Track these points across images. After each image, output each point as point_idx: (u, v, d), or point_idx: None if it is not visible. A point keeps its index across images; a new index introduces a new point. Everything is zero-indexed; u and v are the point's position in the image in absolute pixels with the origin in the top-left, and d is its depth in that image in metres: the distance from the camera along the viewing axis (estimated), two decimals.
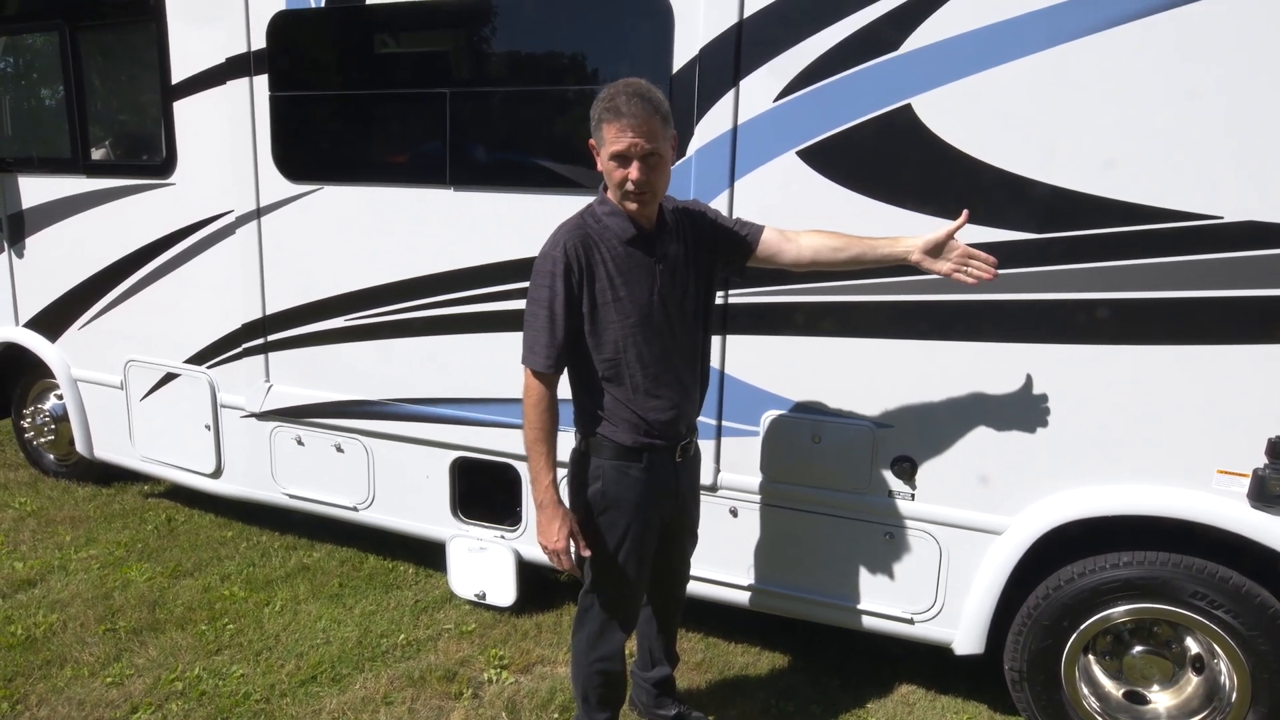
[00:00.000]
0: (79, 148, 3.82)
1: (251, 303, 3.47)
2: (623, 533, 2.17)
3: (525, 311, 2.08)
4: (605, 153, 1.99)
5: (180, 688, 2.79)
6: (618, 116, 1.93)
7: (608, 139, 1.96)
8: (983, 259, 2.16)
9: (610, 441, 2.13)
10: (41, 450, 4.60)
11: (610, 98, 1.96)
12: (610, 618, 2.26)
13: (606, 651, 2.29)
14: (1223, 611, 2.30)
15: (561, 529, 2.10)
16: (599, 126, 1.99)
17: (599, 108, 1.98)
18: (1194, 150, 2.16)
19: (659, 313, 2.10)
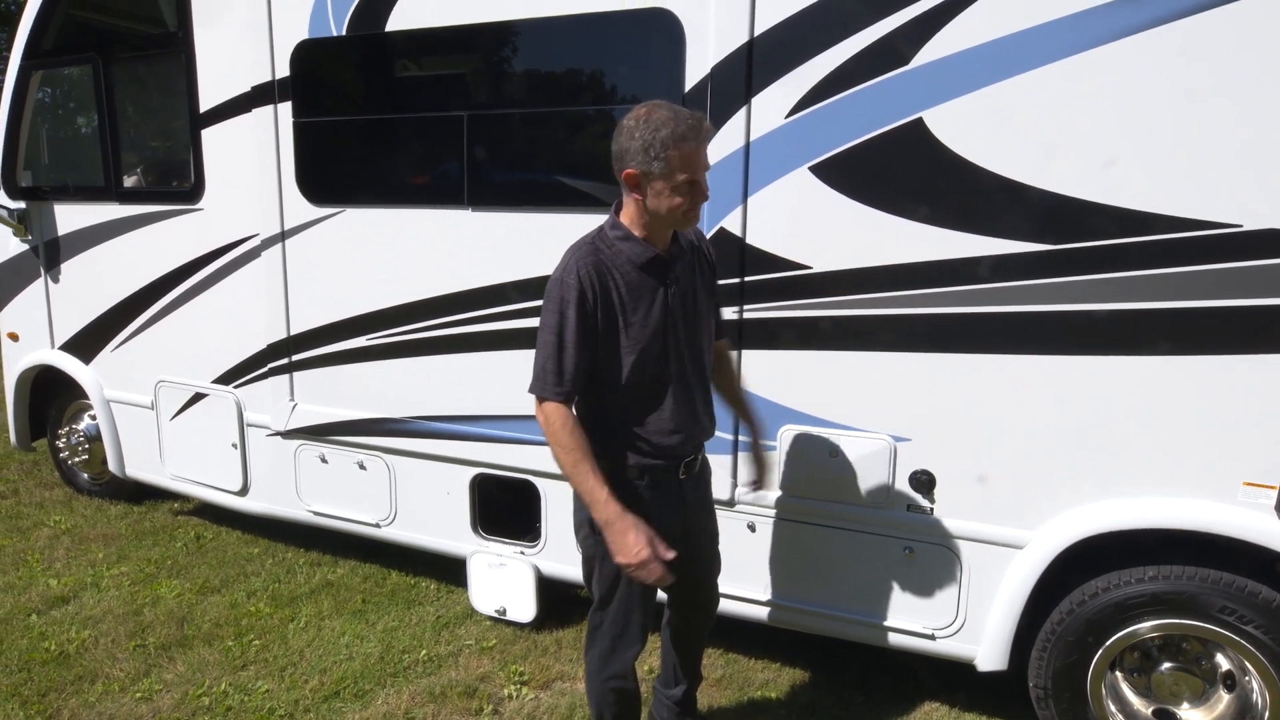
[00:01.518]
0: (112, 175, 3.93)
1: (276, 323, 3.55)
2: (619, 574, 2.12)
3: (537, 338, 2.02)
4: (676, 179, 1.91)
5: (207, 703, 2.83)
6: (698, 141, 1.90)
7: (682, 166, 1.89)
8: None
9: (609, 462, 2.07)
10: (76, 469, 4.71)
11: (677, 121, 1.88)
12: (620, 635, 2.23)
13: (618, 669, 2.26)
14: (1253, 627, 2.25)
15: (638, 539, 1.95)
16: (662, 154, 1.88)
17: (660, 132, 1.87)
18: (1214, 159, 2.14)
19: (669, 336, 2.08)
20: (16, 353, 4.53)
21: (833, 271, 2.57)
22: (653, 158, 1.90)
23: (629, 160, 1.93)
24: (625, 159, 1.94)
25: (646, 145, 1.89)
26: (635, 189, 1.97)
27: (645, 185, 1.95)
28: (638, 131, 1.91)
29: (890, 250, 2.48)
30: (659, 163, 1.90)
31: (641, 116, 1.92)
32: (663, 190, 1.93)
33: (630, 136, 1.92)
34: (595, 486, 1.98)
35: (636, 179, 1.95)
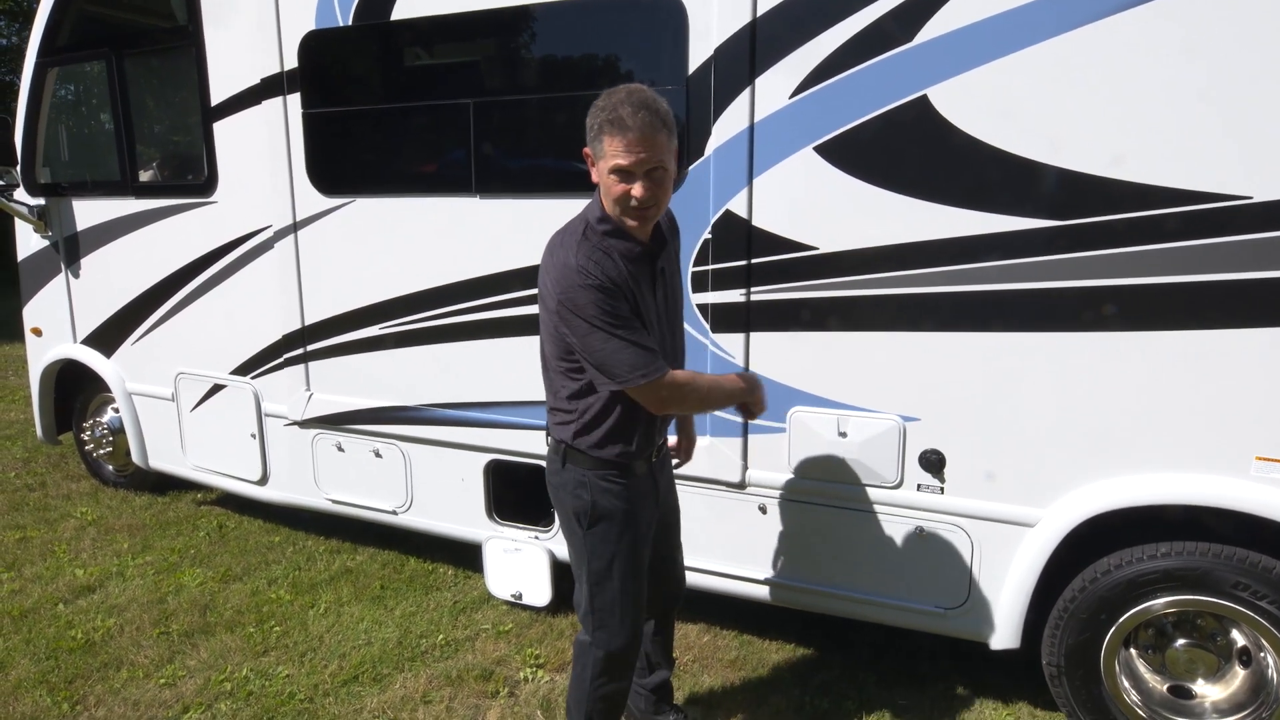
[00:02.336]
0: (127, 170, 3.99)
1: (291, 314, 3.59)
2: (616, 544, 2.12)
3: (587, 344, 1.92)
4: (605, 165, 1.89)
5: (229, 688, 2.89)
6: (622, 130, 1.83)
7: (609, 152, 1.86)
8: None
9: (589, 454, 2.08)
10: (101, 461, 4.80)
11: (612, 108, 1.85)
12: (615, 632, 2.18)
13: (619, 675, 2.23)
14: (1267, 602, 2.23)
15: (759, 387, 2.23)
16: (599, 137, 1.88)
17: (598, 117, 1.87)
18: (1225, 130, 2.11)
19: (662, 328, 2.09)
20: (40, 347, 4.61)
21: (840, 252, 2.56)
22: (591, 138, 1.91)
23: (588, 138, 1.93)
24: (587, 136, 1.93)
25: (590, 124, 1.91)
26: (591, 168, 1.97)
27: (592, 168, 1.96)
28: (597, 110, 1.90)
29: (897, 229, 2.47)
30: (595, 145, 1.91)
31: (603, 95, 1.91)
32: (605, 176, 1.91)
33: (591, 113, 1.92)
34: (728, 383, 2.18)
35: (589, 159, 1.96)
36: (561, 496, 2.18)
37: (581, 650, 2.25)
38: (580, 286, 1.89)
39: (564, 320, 1.94)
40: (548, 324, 2.03)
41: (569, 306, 1.92)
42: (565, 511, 2.18)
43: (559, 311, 1.94)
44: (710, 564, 2.98)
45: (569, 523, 2.19)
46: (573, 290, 1.90)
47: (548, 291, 1.97)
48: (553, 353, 2.07)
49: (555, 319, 1.97)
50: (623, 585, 2.15)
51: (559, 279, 1.93)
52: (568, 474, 2.14)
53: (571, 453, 2.12)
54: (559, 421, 2.14)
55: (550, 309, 1.98)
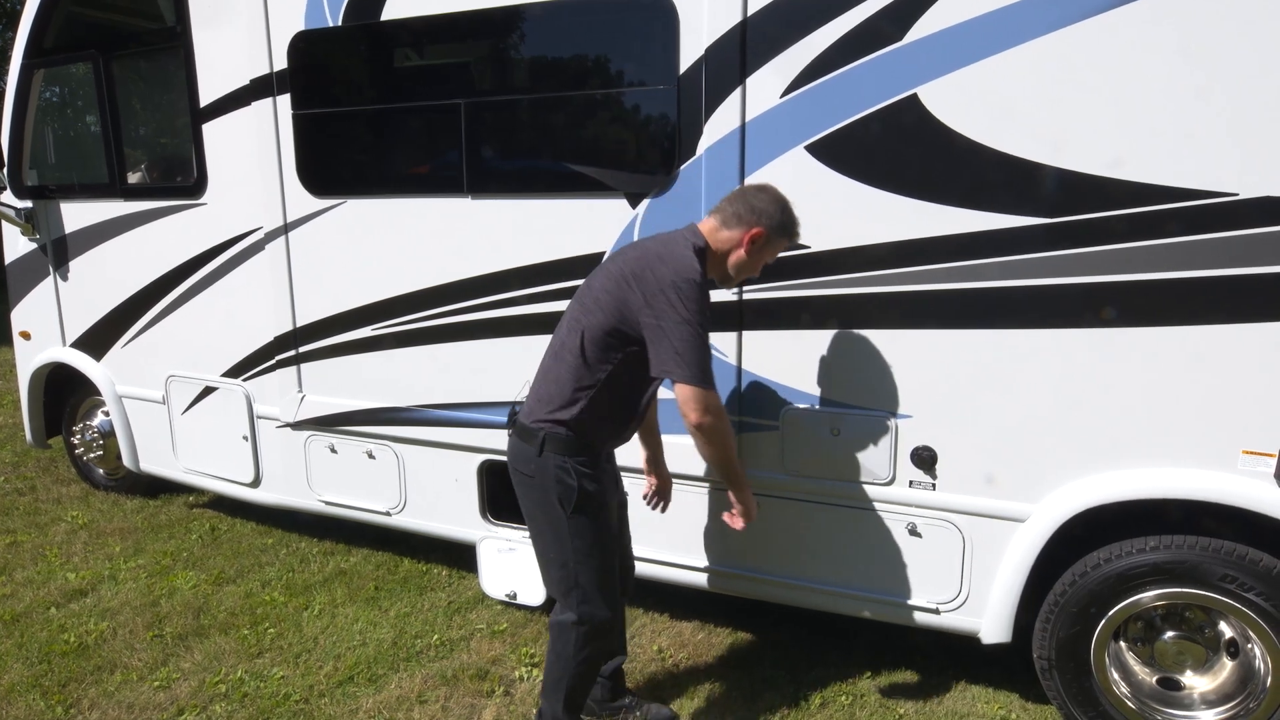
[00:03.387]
0: (116, 172, 3.96)
1: (282, 316, 3.58)
2: (596, 522, 2.29)
3: (676, 331, 2.09)
4: (765, 256, 2.30)
5: (224, 690, 2.89)
6: (793, 241, 2.36)
7: (773, 251, 2.32)
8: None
9: (569, 440, 2.24)
10: (91, 465, 4.78)
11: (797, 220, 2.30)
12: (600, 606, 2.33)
13: (602, 646, 2.39)
14: (1254, 594, 2.26)
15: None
16: (778, 239, 2.28)
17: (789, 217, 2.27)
18: (1209, 129, 2.13)
19: None
20: (29, 351, 4.58)
21: (831, 250, 2.58)
22: (772, 228, 2.25)
23: (764, 221, 2.23)
24: (760, 219, 2.23)
25: (786, 224, 2.27)
26: (749, 244, 2.25)
27: (757, 246, 2.25)
28: (784, 209, 2.26)
29: (888, 228, 2.49)
30: (773, 239, 2.27)
31: (783, 199, 2.28)
32: (759, 257, 2.28)
33: (777, 206, 2.25)
34: (744, 475, 2.39)
35: (761, 238, 2.25)
36: (540, 483, 2.28)
37: (562, 629, 2.34)
38: (697, 284, 2.12)
39: (665, 301, 2.09)
40: (607, 304, 2.17)
41: (679, 292, 2.09)
42: (545, 497, 2.29)
43: (666, 292, 2.09)
44: (703, 561, 2.99)
45: (549, 508, 2.29)
46: (690, 285, 2.10)
47: (647, 273, 2.13)
48: (594, 336, 2.19)
49: (650, 298, 2.11)
50: (603, 561, 2.32)
51: (679, 268, 2.12)
52: (546, 460, 2.25)
53: (551, 439, 2.24)
54: (554, 409, 2.25)
55: (647, 288, 2.11)
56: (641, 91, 2.79)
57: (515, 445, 2.36)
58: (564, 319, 2.33)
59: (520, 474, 2.36)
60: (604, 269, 2.29)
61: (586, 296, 2.26)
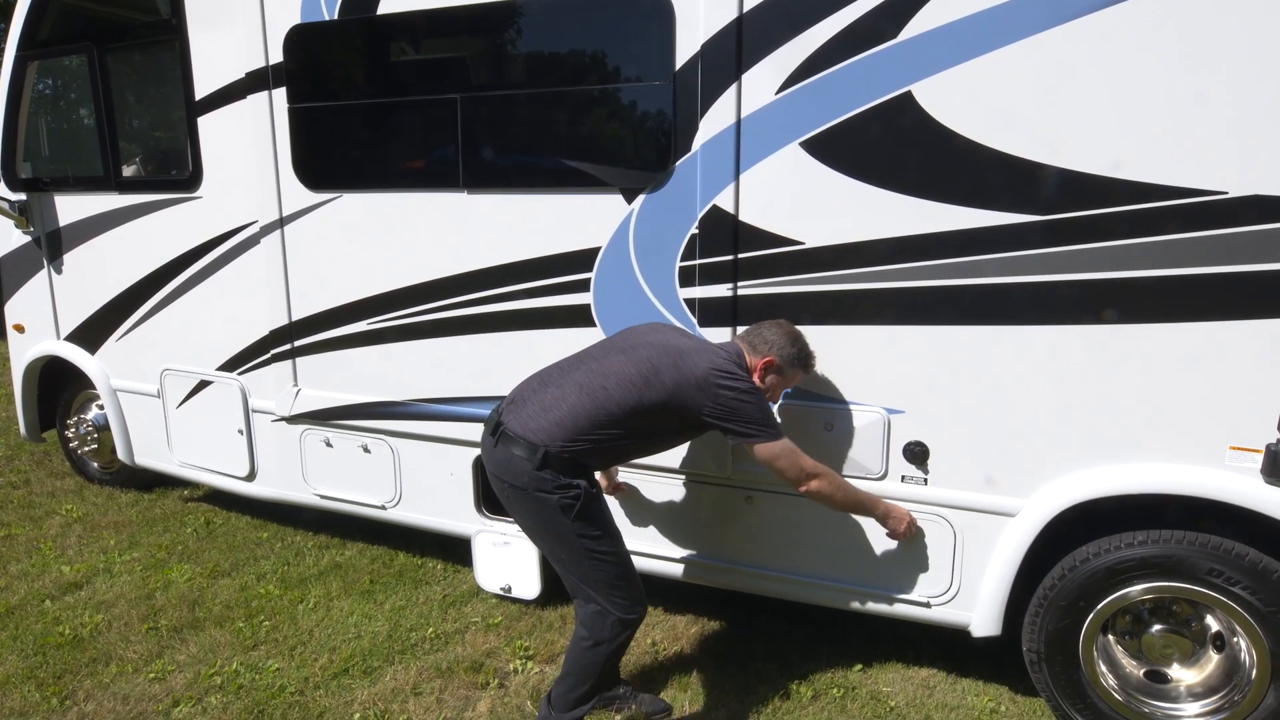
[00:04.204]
0: (110, 165, 3.96)
1: (277, 310, 3.58)
2: (601, 521, 2.41)
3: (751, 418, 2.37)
4: (786, 383, 2.53)
5: (219, 682, 2.90)
6: (808, 372, 2.58)
7: (791, 378, 2.54)
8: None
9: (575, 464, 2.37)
10: (86, 459, 4.78)
11: (810, 353, 2.54)
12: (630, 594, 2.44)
13: (632, 633, 2.49)
14: (1240, 588, 2.29)
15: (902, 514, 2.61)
16: (796, 368, 2.51)
17: (801, 348, 2.50)
18: (1201, 128, 2.16)
19: None
20: (23, 344, 4.57)
21: (825, 247, 2.60)
22: (791, 362, 2.49)
23: (775, 352, 2.46)
24: (772, 350, 2.46)
25: (798, 357, 2.49)
26: (761, 370, 2.45)
27: (769, 373, 2.46)
28: (798, 343, 2.49)
29: (882, 224, 2.50)
30: (789, 369, 2.49)
31: (794, 333, 2.51)
32: (773, 386, 2.50)
33: (790, 340, 2.48)
34: (874, 499, 2.60)
35: (773, 367, 2.46)
36: (533, 496, 2.34)
37: (599, 617, 2.41)
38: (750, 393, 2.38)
39: (731, 405, 2.35)
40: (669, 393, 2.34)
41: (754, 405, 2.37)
42: (542, 510, 2.36)
43: (732, 401, 2.34)
44: (698, 554, 3.01)
45: (552, 522, 2.36)
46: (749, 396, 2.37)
47: (711, 385, 2.33)
48: (642, 408, 2.34)
49: (720, 403, 2.34)
50: (617, 555, 2.42)
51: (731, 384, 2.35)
52: (546, 475, 2.32)
53: (555, 460, 2.32)
54: (566, 439, 2.33)
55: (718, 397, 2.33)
56: (637, 87, 2.80)
57: (505, 456, 2.36)
58: (598, 364, 2.41)
59: (510, 486, 2.38)
60: (667, 355, 2.38)
61: (647, 369, 2.35)
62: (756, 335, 2.50)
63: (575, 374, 2.41)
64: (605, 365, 2.39)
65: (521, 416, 2.38)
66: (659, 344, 2.41)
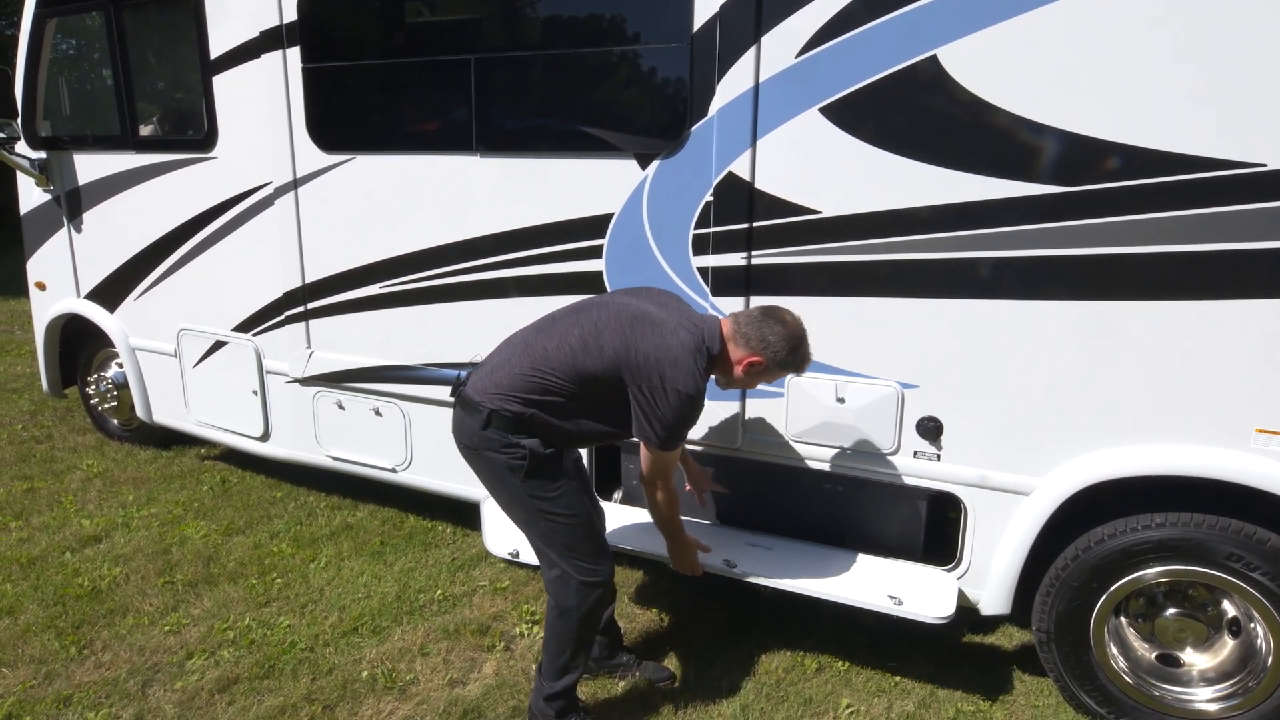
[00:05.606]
0: (128, 125, 3.96)
1: (291, 271, 3.58)
2: (557, 482, 2.32)
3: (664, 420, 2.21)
4: (767, 378, 2.35)
5: (232, 636, 2.95)
6: (799, 374, 2.42)
7: (777, 376, 2.37)
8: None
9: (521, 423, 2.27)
10: (106, 416, 4.85)
11: (806, 359, 2.33)
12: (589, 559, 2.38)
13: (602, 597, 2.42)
14: (1260, 574, 2.24)
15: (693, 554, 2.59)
16: (785, 367, 2.30)
17: (797, 356, 2.29)
18: (1238, 95, 2.06)
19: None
20: (44, 302, 4.63)
21: (843, 216, 2.53)
22: (780, 362, 2.28)
23: (767, 354, 2.26)
24: (766, 351, 2.26)
25: (790, 362, 2.29)
26: (746, 367, 2.29)
27: (754, 370, 2.30)
28: (794, 348, 2.28)
29: (903, 194, 2.44)
30: (774, 367, 2.30)
31: (798, 337, 2.29)
32: (756, 379, 2.34)
33: (790, 347, 2.27)
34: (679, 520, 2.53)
35: (759, 368, 2.29)
36: (485, 456, 2.31)
37: (561, 583, 2.36)
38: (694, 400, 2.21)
39: (664, 400, 2.19)
40: (609, 360, 2.21)
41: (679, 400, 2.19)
42: (494, 470, 2.33)
43: (668, 394, 2.18)
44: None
45: (503, 481, 2.33)
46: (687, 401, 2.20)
47: (654, 371, 2.18)
48: (579, 372, 2.23)
49: (651, 391, 2.19)
50: (575, 516, 2.33)
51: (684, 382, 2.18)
52: (490, 435, 2.27)
53: (497, 417, 2.26)
54: (507, 399, 2.26)
55: (649, 382, 2.19)
56: (653, 50, 2.73)
57: (459, 418, 2.37)
58: (551, 325, 2.34)
59: (464, 446, 2.38)
60: (616, 319, 2.25)
61: (589, 331, 2.25)
62: (753, 328, 2.26)
63: (529, 334, 2.37)
64: (557, 326, 2.32)
65: (476, 377, 2.37)
66: (619, 310, 2.27)
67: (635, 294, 2.39)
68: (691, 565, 2.60)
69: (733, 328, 2.29)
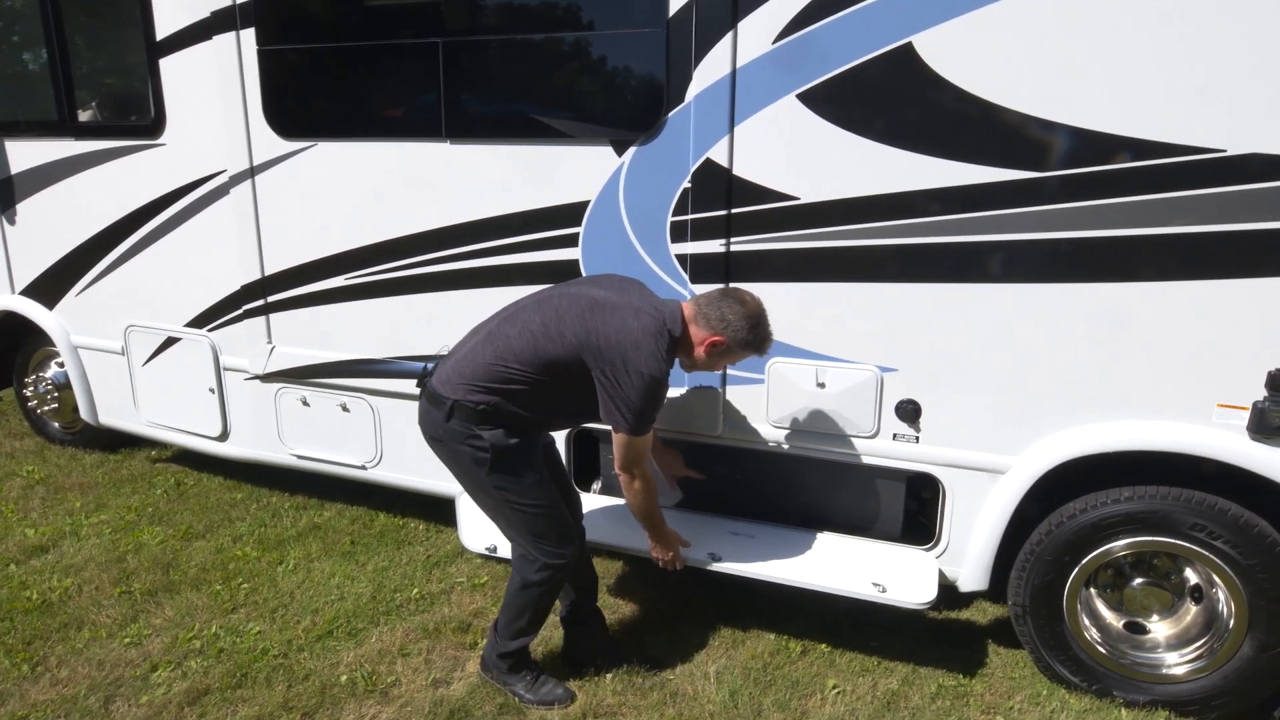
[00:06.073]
0: (65, 110, 3.75)
1: (250, 264, 3.45)
2: (524, 471, 2.37)
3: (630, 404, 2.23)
4: (729, 359, 2.41)
5: (198, 645, 2.83)
6: (761, 355, 2.44)
7: (739, 358, 2.43)
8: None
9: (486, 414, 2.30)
10: (46, 418, 4.61)
11: (768, 338, 2.38)
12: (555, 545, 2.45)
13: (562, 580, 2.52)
14: (1222, 542, 2.34)
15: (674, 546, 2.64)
16: (745, 347, 2.35)
17: (757, 335, 2.33)
18: (1203, 84, 2.14)
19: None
20: None
21: (821, 202, 2.55)
22: (741, 342, 2.34)
23: (728, 333, 2.31)
24: (726, 331, 2.31)
25: (751, 342, 2.34)
26: (707, 347, 2.34)
27: (715, 350, 2.34)
28: (753, 327, 2.32)
29: (880, 180, 2.46)
30: (736, 347, 2.35)
31: (757, 315, 2.34)
32: (719, 360, 2.39)
33: (750, 326, 2.32)
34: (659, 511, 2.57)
35: (720, 347, 2.34)
36: (453, 447, 2.35)
37: (525, 561, 2.45)
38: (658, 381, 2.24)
39: (628, 382, 2.21)
40: (570, 345, 2.24)
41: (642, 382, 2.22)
42: (459, 462, 2.38)
43: (630, 375, 2.21)
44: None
45: (469, 472, 2.38)
46: (651, 382, 2.23)
47: (617, 354, 2.21)
48: (540, 359, 2.26)
49: (615, 374, 2.22)
50: (540, 505, 2.38)
51: (647, 364, 2.21)
52: (453, 427, 2.31)
53: (460, 408, 2.30)
54: (471, 390, 2.28)
55: (613, 366, 2.22)
56: (629, 35, 2.69)
57: (424, 410, 2.40)
58: (515, 314, 2.36)
59: (430, 438, 2.42)
60: (577, 305, 2.29)
61: (550, 318, 2.28)
62: (713, 308, 2.32)
63: (493, 323, 2.40)
64: (520, 315, 2.35)
65: (441, 369, 2.40)
66: (580, 296, 2.31)
67: (598, 281, 2.44)
68: (673, 559, 2.62)
69: (694, 310, 2.35)
